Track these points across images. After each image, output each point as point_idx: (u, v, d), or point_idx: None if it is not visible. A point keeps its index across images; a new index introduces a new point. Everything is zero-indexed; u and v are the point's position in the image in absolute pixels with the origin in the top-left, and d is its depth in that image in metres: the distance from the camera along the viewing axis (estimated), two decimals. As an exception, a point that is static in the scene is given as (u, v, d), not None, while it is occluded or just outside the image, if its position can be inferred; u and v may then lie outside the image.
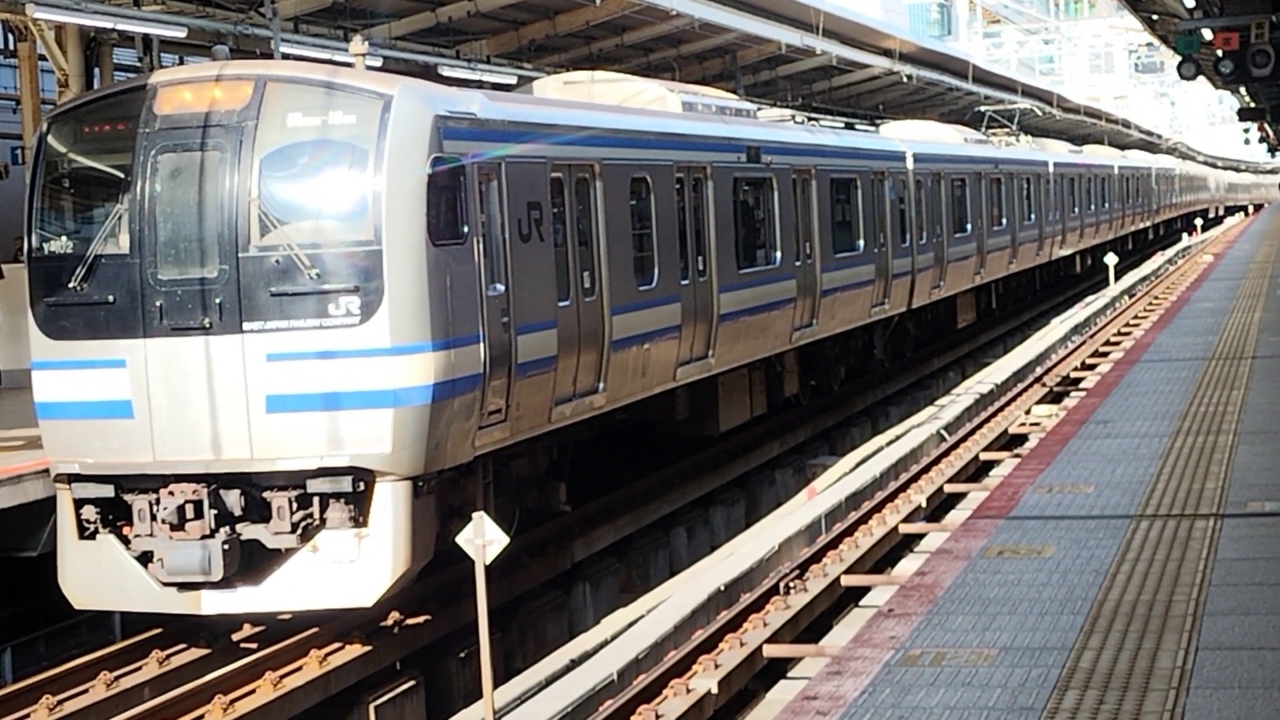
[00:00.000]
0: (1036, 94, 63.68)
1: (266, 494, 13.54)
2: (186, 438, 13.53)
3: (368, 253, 13.32)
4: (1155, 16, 32.47)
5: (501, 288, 14.67)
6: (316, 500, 13.47)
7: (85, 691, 13.53)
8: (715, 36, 33.40)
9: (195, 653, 14.36)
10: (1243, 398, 18.84)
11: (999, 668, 9.04)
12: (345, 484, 13.33)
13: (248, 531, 13.55)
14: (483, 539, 11.50)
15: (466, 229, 14.10)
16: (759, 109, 26.55)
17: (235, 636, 14.75)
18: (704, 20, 30.79)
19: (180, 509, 13.34)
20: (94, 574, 13.88)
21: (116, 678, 13.74)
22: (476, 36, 29.01)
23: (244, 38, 23.02)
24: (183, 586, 13.47)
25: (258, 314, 13.37)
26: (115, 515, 13.87)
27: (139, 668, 14.08)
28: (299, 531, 13.48)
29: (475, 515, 11.68)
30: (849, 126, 44.18)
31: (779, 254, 22.85)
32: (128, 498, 13.75)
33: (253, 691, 13.37)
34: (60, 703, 13.22)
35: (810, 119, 42.06)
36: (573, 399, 16.29)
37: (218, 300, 13.40)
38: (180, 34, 21.82)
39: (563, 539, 17.97)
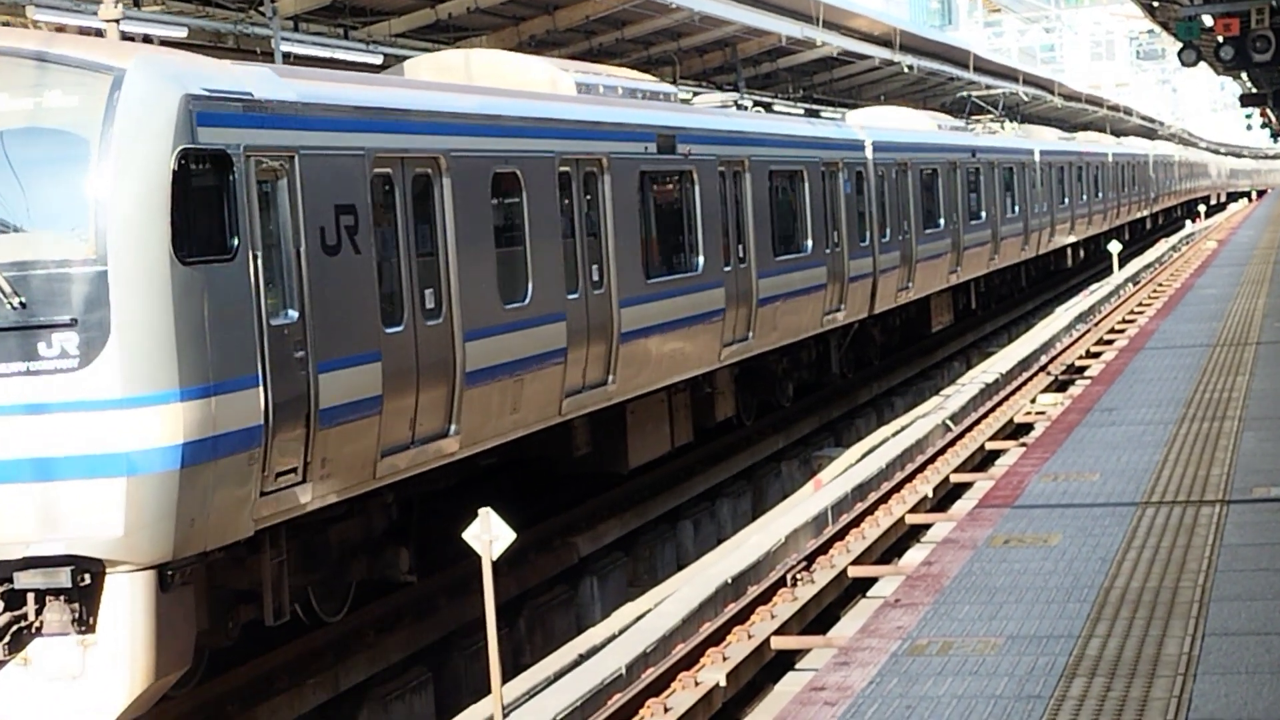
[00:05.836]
0: (1037, 82, 63.69)
1: None
2: None
3: (89, 275, 10.40)
4: (1156, 3, 32.49)
5: (295, 314, 11.80)
6: (31, 597, 10.53)
7: None
8: (715, 29, 33.39)
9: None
10: (1247, 384, 18.85)
11: (1006, 656, 9.06)
12: (63, 577, 10.34)
13: None
14: (489, 535, 11.51)
15: (237, 241, 11.18)
16: (688, 94, 23.76)
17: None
18: (704, 13, 30.77)
19: None
20: None
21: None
22: (477, 32, 29.00)
23: (244, 37, 23.03)
24: None
25: None
26: None
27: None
28: (5, 639, 10.55)
29: (481, 511, 11.66)
30: (844, 118, 44.11)
31: (701, 259, 19.99)
32: None
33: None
34: None
35: (810, 111, 42.06)
36: (411, 446, 13.36)
37: None
38: (180, 34, 21.83)
39: (569, 534, 18.01)
